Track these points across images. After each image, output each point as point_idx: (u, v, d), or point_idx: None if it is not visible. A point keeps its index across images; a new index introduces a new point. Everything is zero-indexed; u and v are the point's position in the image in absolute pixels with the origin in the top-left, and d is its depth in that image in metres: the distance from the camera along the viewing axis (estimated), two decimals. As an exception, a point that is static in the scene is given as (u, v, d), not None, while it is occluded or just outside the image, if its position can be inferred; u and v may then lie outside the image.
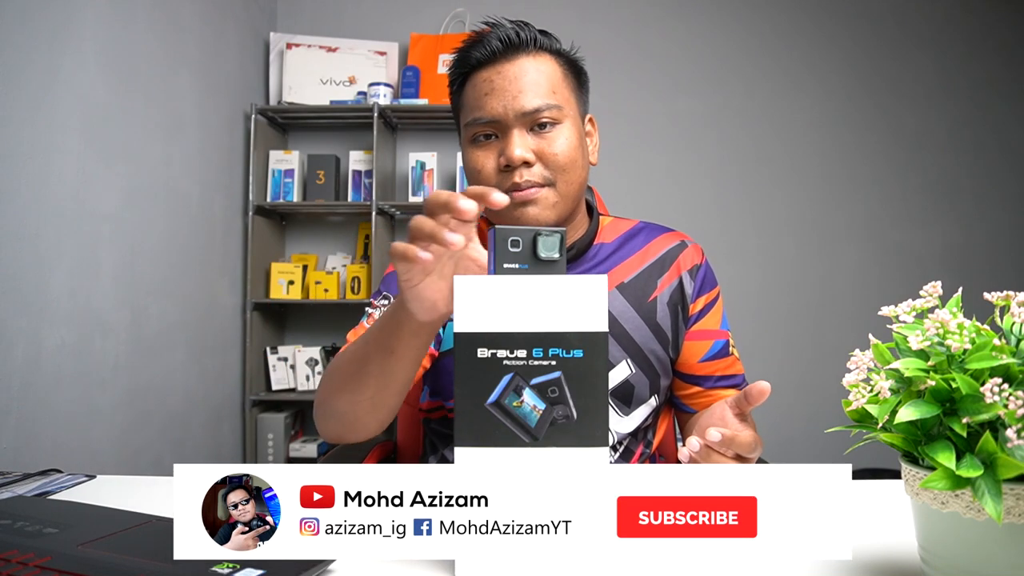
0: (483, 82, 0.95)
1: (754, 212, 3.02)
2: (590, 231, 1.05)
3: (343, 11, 3.04)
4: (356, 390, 0.83)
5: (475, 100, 0.96)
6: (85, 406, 1.81)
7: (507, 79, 0.94)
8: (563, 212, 0.97)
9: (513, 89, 0.93)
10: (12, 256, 1.57)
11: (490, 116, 0.94)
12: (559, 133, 0.95)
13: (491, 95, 0.94)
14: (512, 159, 0.92)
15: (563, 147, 0.95)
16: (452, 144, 2.95)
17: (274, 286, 2.80)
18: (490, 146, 0.96)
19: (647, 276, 1.03)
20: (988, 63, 3.02)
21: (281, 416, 2.74)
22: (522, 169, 0.93)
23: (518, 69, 0.94)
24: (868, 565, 0.59)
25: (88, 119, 1.82)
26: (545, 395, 0.57)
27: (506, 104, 0.93)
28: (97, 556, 0.56)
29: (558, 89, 0.96)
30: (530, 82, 0.94)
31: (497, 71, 0.95)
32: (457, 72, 0.99)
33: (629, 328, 1.00)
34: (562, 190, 0.96)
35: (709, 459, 0.74)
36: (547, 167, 0.94)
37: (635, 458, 1.03)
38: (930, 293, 0.54)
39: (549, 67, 0.96)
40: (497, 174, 0.95)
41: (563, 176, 0.95)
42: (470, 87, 0.97)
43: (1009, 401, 0.45)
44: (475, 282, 0.58)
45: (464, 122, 0.98)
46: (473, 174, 0.97)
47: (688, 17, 3.04)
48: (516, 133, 0.93)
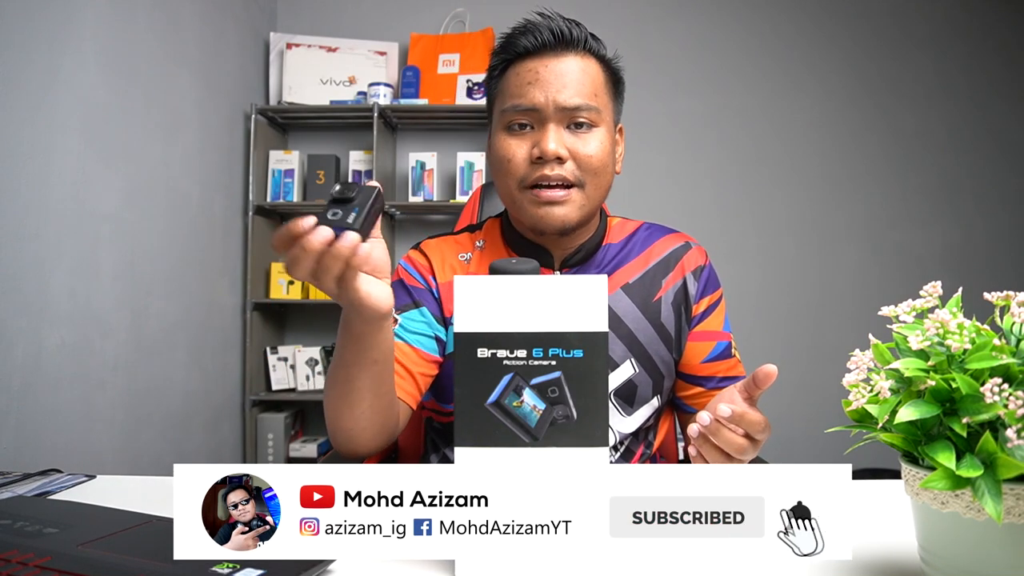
0: (528, 71, 0.95)
1: (754, 212, 3.02)
2: (599, 232, 1.05)
3: (343, 11, 3.04)
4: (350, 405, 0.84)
5: (517, 87, 0.95)
6: (85, 406, 1.81)
7: (553, 73, 0.94)
8: (587, 215, 0.98)
9: (558, 83, 0.93)
10: (12, 256, 1.57)
11: (530, 104, 0.94)
12: (594, 136, 0.95)
13: (535, 85, 0.94)
14: (546, 152, 0.92)
15: (597, 150, 0.95)
16: (452, 144, 2.95)
17: (274, 286, 2.80)
18: (524, 136, 0.95)
19: (652, 277, 1.04)
20: (988, 63, 3.02)
21: (281, 416, 2.74)
22: (554, 163, 0.93)
23: (565, 66, 0.94)
24: (868, 565, 0.59)
25: (88, 119, 1.82)
26: (545, 395, 0.57)
27: (548, 95, 0.93)
28: (97, 556, 0.56)
29: (599, 93, 0.96)
30: (575, 80, 0.94)
31: (544, 63, 0.95)
32: (501, 57, 0.98)
33: (633, 328, 1.00)
34: (590, 193, 0.96)
35: (719, 435, 0.73)
36: (579, 167, 0.94)
37: (635, 458, 1.03)
38: (930, 293, 0.54)
39: (594, 70, 0.97)
40: (527, 164, 0.95)
41: (593, 179, 0.96)
42: (513, 74, 0.97)
43: (1009, 401, 0.45)
44: (475, 282, 0.58)
45: (501, 108, 0.97)
46: (502, 162, 0.96)
47: (688, 17, 3.04)
48: (553, 127, 0.93)
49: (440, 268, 1.03)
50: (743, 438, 0.73)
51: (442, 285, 1.02)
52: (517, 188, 0.96)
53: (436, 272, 1.03)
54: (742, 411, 0.72)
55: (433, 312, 1.01)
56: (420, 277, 1.03)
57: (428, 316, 1.00)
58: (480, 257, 1.05)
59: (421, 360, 0.98)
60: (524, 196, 0.96)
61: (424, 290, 1.02)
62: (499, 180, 0.99)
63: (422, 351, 0.98)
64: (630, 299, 1.01)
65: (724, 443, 0.73)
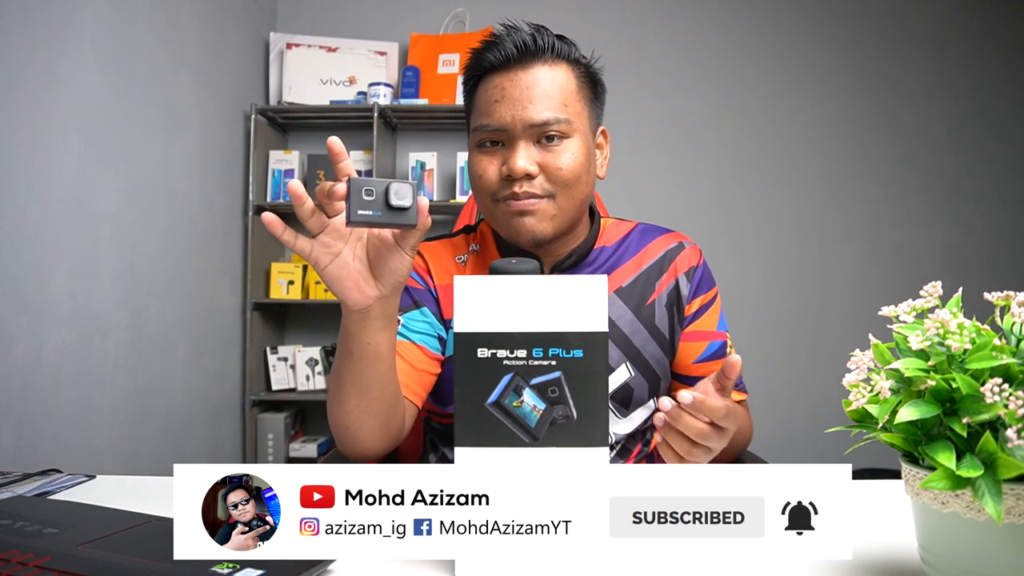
0: (495, 88, 0.95)
1: (754, 212, 3.02)
2: (591, 235, 1.05)
3: (343, 11, 3.04)
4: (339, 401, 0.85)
5: (485, 106, 0.95)
6: (85, 406, 1.80)
7: (519, 87, 0.93)
8: (561, 225, 0.97)
9: (524, 99, 0.92)
10: (12, 256, 1.57)
11: (497, 124, 0.93)
12: (566, 148, 0.94)
13: (501, 102, 0.93)
14: (514, 171, 0.92)
15: (568, 162, 0.94)
16: (452, 144, 2.95)
17: (274, 286, 2.80)
18: (495, 153, 0.95)
19: (645, 279, 1.03)
20: (988, 63, 3.02)
21: (281, 416, 2.74)
22: (523, 181, 0.93)
23: (531, 78, 0.93)
24: (868, 565, 0.59)
25: (88, 119, 1.82)
26: (545, 395, 0.57)
27: (515, 114, 0.92)
28: (97, 556, 0.56)
29: (570, 102, 0.94)
30: (542, 93, 0.93)
31: (510, 78, 0.94)
32: (470, 74, 0.99)
33: (628, 332, 1.00)
34: (562, 204, 0.95)
35: (680, 420, 0.73)
36: (549, 180, 0.94)
37: (632, 456, 1.03)
38: (930, 293, 0.54)
39: (564, 78, 0.95)
40: (498, 182, 0.95)
41: (565, 191, 0.95)
42: (482, 91, 0.97)
43: (1009, 401, 0.45)
44: (475, 282, 0.58)
45: (472, 126, 0.98)
46: (475, 179, 0.98)
47: (688, 17, 3.04)
48: (522, 144, 0.93)
49: (437, 270, 1.04)
50: (706, 424, 0.73)
51: (439, 287, 1.03)
52: (491, 202, 0.97)
53: (433, 274, 1.04)
54: (702, 398, 0.72)
55: (434, 311, 1.01)
56: (419, 278, 1.03)
57: (430, 316, 1.00)
58: (475, 260, 1.05)
59: (426, 358, 0.98)
60: (498, 208, 0.96)
61: (424, 291, 1.02)
62: (475, 195, 1.00)
63: (426, 348, 0.98)
64: (624, 303, 1.01)
65: (685, 428, 0.73)
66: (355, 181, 0.67)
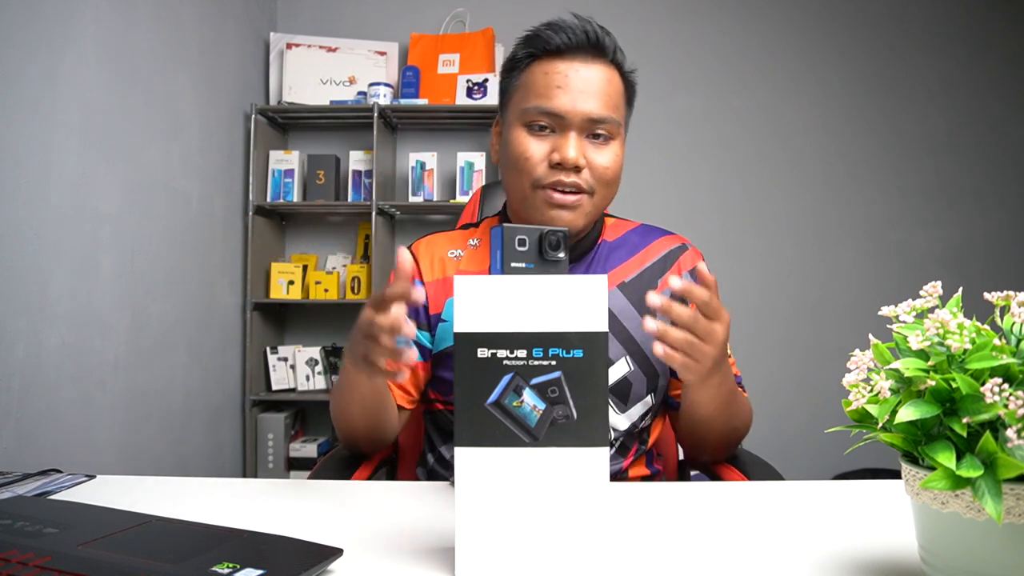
0: (558, 73, 0.95)
1: (754, 212, 3.02)
2: (595, 230, 1.06)
3: (343, 11, 3.04)
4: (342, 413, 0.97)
5: (544, 88, 0.95)
6: (85, 406, 1.80)
7: (583, 79, 0.94)
8: (591, 222, 1.00)
9: (587, 92, 0.94)
10: (12, 256, 1.57)
11: (557, 110, 0.94)
12: (611, 148, 0.97)
13: (563, 89, 0.94)
14: (567, 160, 0.93)
15: (612, 162, 0.97)
16: (452, 144, 2.94)
17: (274, 286, 2.80)
18: (544, 137, 0.96)
19: (648, 276, 1.04)
20: (988, 63, 3.02)
21: (281, 416, 2.74)
22: (571, 172, 0.94)
23: (595, 74, 0.95)
24: (868, 565, 0.59)
25: (88, 119, 1.82)
26: (545, 395, 0.57)
27: (576, 103, 0.94)
28: (97, 556, 0.56)
29: (619, 106, 0.98)
30: (602, 91, 0.95)
31: (575, 68, 0.95)
32: (529, 50, 0.98)
33: (629, 326, 1.01)
34: (598, 202, 0.98)
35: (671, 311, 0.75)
36: (593, 176, 0.96)
37: (631, 454, 1.03)
38: (930, 293, 0.54)
39: (617, 82, 0.98)
40: (544, 166, 0.95)
41: (604, 189, 0.97)
42: (540, 72, 0.96)
43: (1009, 401, 0.45)
44: (475, 282, 0.58)
45: (523, 104, 0.97)
46: (518, 160, 0.97)
47: (688, 17, 3.04)
48: (574, 135, 0.94)
49: (428, 267, 1.05)
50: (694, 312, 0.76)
51: (427, 283, 1.04)
52: (530, 187, 0.96)
53: (423, 272, 1.05)
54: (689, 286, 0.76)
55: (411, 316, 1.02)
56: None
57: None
58: (472, 256, 1.06)
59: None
60: (537, 196, 0.96)
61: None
62: (511, 176, 0.99)
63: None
64: (626, 297, 1.02)
65: (675, 317, 0.76)
66: (508, 229, 0.66)
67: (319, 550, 0.59)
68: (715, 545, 0.64)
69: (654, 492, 0.84)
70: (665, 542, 0.65)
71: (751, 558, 0.61)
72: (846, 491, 0.83)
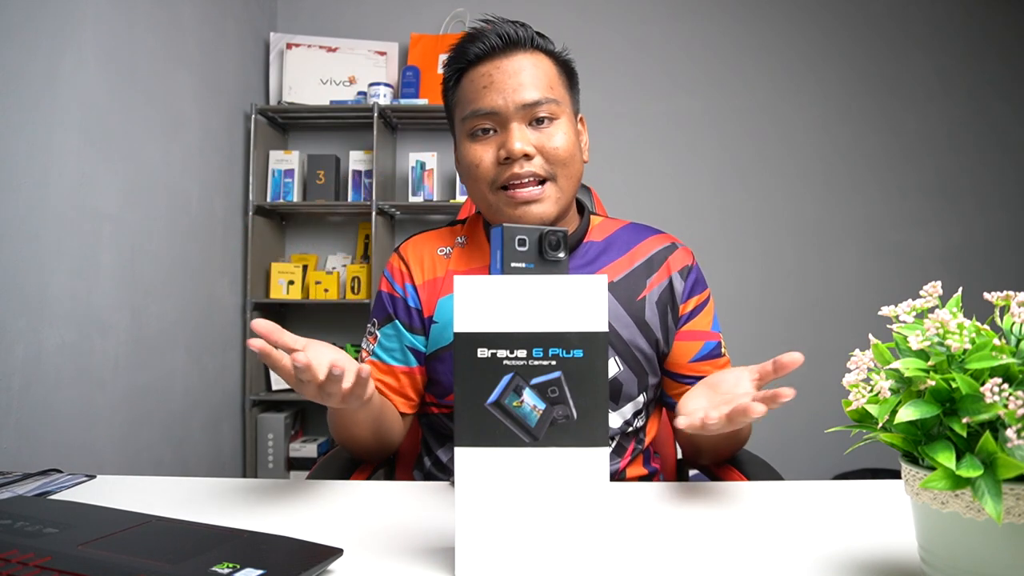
0: (481, 76, 0.96)
1: (754, 212, 3.02)
2: (580, 229, 1.06)
3: (343, 11, 3.04)
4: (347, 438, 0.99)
5: (473, 94, 0.96)
6: (85, 406, 1.80)
7: (506, 73, 0.95)
8: (563, 207, 0.98)
9: (512, 83, 0.95)
10: (12, 256, 1.57)
11: (489, 108, 0.94)
12: (557, 128, 0.96)
13: (490, 88, 0.95)
14: (512, 151, 0.93)
15: (563, 141, 0.96)
16: (452, 144, 2.94)
17: (274, 286, 2.80)
18: (488, 140, 0.96)
19: (636, 276, 1.04)
20: (988, 63, 3.02)
21: (281, 416, 2.74)
22: (522, 161, 0.94)
23: (516, 65, 0.96)
24: (868, 565, 0.59)
25: (88, 119, 1.82)
26: (545, 395, 0.57)
27: (506, 97, 0.94)
28: (97, 556, 0.56)
29: (555, 85, 0.97)
30: (528, 77, 0.95)
31: (495, 66, 0.96)
32: (454, 68, 1.00)
33: (617, 326, 1.01)
34: (562, 184, 0.97)
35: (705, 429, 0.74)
36: (547, 161, 0.95)
37: (627, 453, 1.03)
38: (930, 293, 0.54)
39: (545, 65, 0.98)
40: (495, 167, 0.96)
41: (563, 170, 0.97)
42: (467, 82, 0.98)
43: (1009, 401, 0.45)
44: (475, 282, 0.58)
45: (461, 116, 0.98)
46: (471, 169, 0.98)
47: (688, 17, 3.04)
48: (515, 126, 0.94)
49: (418, 269, 1.05)
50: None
51: (419, 286, 1.04)
52: (490, 191, 0.97)
53: (413, 275, 1.05)
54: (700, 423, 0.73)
55: (405, 321, 1.04)
56: (397, 286, 1.06)
57: (399, 329, 1.04)
58: (460, 253, 1.06)
59: (401, 375, 1.03)
60: (498, 198, 0.97)
61: (400, 299, 1.05)
62: (471, 187, 1.00)
63: (396, 367, 1.04)
64: (614, 297, 1.02)
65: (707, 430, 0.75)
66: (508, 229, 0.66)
67: (319, 550, 0.59)
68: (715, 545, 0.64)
69: (653, 492, 0.84)
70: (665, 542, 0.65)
71: (751, 558, 0.61)
72: (846, 491, 0.83)
